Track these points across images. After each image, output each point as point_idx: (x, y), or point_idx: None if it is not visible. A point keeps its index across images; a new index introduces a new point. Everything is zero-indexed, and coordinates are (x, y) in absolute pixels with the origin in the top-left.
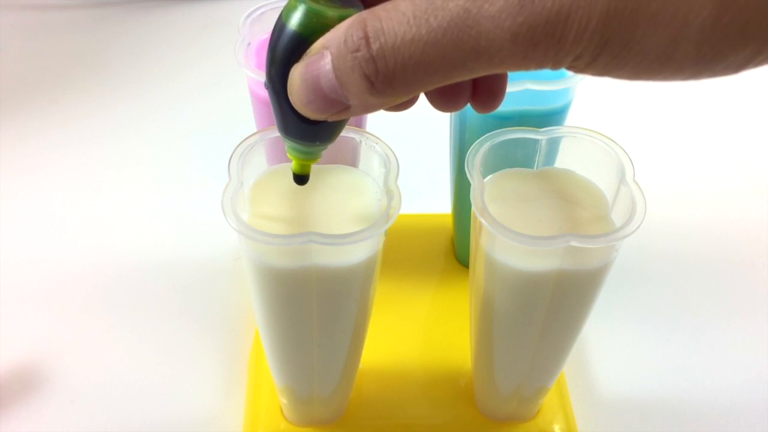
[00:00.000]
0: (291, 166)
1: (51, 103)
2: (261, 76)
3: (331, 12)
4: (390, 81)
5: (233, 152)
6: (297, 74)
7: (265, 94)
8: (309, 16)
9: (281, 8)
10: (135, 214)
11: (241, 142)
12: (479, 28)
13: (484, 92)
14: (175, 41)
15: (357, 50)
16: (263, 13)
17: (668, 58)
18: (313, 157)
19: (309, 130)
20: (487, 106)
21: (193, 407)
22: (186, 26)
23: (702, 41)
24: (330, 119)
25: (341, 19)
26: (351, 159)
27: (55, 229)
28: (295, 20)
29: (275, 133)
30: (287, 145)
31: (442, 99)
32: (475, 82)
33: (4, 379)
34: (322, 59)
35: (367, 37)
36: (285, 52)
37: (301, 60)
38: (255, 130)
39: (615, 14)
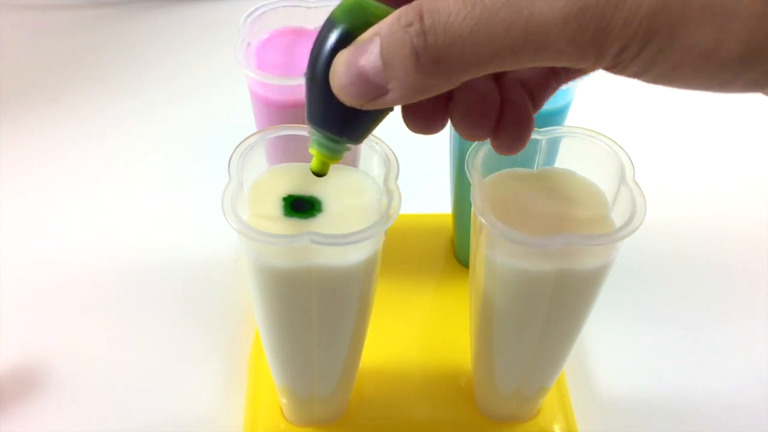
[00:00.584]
0: (291, 166)
1: (51, 103)
2: (261, 77)
3: (382, 11)
4: (436, 58)
5: (233, 152)
6: (342, 57)
7: (265, 94)
8: (360, 11)
9: (281, 8)
10: (135, 213)
11: (241, 142)
12: (531, 9)
13: (510, 125)
14: (175, 41)
15: (410, 25)
16: (263, 13)
17: (712, 54)
18: (336, 155)
19: (341, 121)
20: (511, 145)
21: (193, 407)
22: (186, 26)
23: (748, 38)
24: (365, 107)
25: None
26: (351, 159)
27: (56, 229)
28: (346, 17)
29: (275, 133)
30: (313, 138)
31: (418, 117)
32: (501, 112)
33: (4, 379)
34: (371, 44)
35: (421, 14)
36: (332, 45)
37: (348, 47)
38: (255, 130)
39: (665, 5)
